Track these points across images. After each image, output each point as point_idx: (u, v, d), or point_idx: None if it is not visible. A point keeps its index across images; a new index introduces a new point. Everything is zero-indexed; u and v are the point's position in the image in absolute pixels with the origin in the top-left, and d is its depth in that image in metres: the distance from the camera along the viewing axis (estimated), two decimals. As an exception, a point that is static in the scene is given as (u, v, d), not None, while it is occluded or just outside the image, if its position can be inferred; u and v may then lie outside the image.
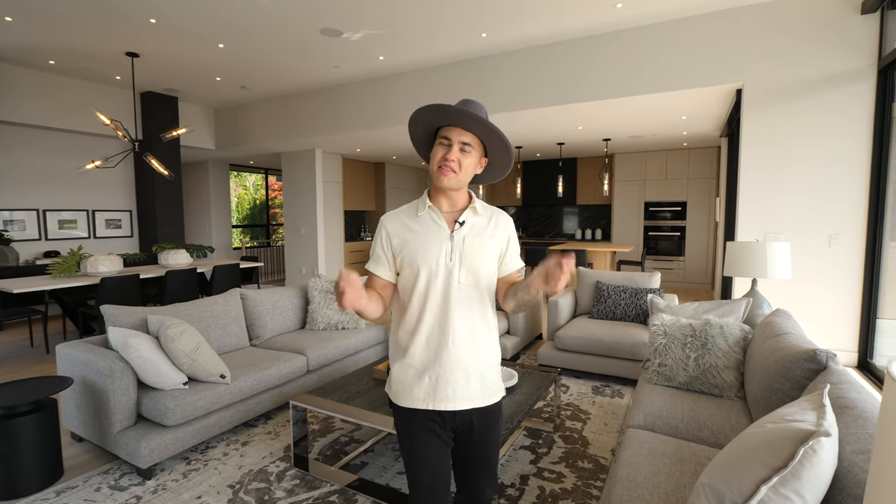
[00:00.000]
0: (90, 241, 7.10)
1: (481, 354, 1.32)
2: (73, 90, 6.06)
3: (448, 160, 1.26)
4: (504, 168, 1.40)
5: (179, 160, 7.00)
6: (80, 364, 2.54)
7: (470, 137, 1.28)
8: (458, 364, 1.28)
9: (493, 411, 1.36)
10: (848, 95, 3.73)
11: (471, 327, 1.30)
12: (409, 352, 1.30)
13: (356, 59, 5.34)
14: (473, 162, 1.30)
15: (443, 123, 1.29)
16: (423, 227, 1.32)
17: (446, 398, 1.28)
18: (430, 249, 1.29)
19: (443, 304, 1.28)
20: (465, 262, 1.29)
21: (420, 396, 1.29)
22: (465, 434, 1.34)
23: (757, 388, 2.08)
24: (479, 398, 1.32)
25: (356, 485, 2.29)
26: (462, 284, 1.29)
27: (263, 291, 3.66)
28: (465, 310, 1.29)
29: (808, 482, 1.04)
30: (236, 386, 2.73)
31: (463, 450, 1.37)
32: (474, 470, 1.38)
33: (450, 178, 1.27)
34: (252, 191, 11.12)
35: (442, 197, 1.34)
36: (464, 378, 1.29)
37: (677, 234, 8.26)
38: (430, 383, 1.28)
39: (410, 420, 1.31)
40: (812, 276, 3.93)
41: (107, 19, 4.25)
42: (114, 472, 2.45)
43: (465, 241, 1.31)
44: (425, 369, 1.29)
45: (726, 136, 6.04)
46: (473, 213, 1.35)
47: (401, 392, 1.32)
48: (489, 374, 1.34)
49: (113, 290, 4.50)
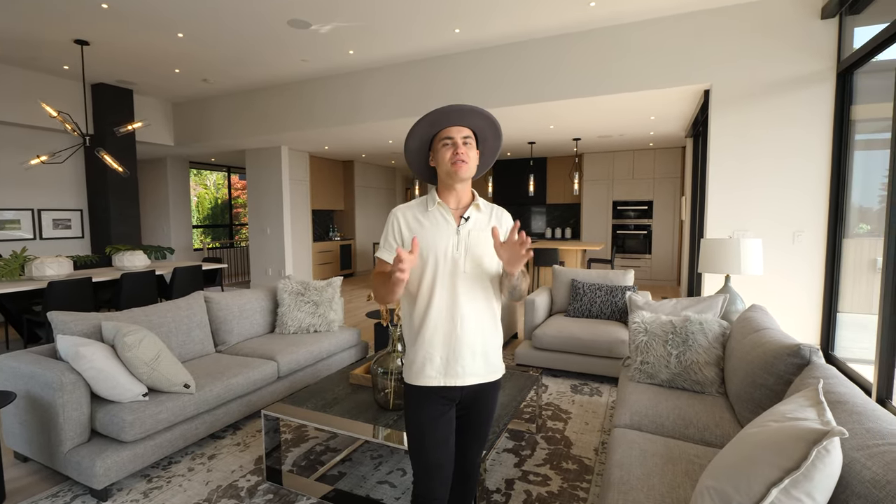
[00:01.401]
0: (36, 242, 6.59)
1: (486, 336, 1.46)
2: (17, 80, 5.60)
3: (459, 154, 1.40)
4: (492, 155, 1.57)
5: (135, 157, 6.60)
6: (24, 377, 2.31)
7: (468, 131, 1.44)
8: (466, 344, 1.42)
9: (494, 386, 1.52)
10: (810, 97, 3.87)
11: (476, 312, 1.44)
12: (422, 334, 1.43)
13: (325, 53, 5.16)
14: (475, 153, 1.46)
15: (442, 126, 1.43)
16: (432, 222, 1.46)
17: (456, 375, 1.42)
18: (438, 241, 1.43)
19: (451, 291, 1.42)
20: (469, 254, 1.44)
21: (433, 375, 1.42)
22: (469, 404, 1.49)
23: (740, 383, 2.09)
24: (483, 374, 1.46)
25: (334, 496, 2.16)
26: (467, 273, 1.43)
27: (229, 294, 3.46)
28: (471, 296, 1.43)
29: (820, 483, 1.01)
30: (201, 396, 2.55)
31: (464, 416, 1.51)
32: (470, 434, 1.53)
33: (464, 169, 1.41)
34: (213, 190, 10.67)
35: (449, 195, 1.48)
36: (470, 356, 1.43)
37: (644, 233, 8.44)
38: (442, 362, 1.42)
39: (422, 397, 1.44)
40: (778, 271, 4.06)
41: (54, 3, 3.92)
42: (64, 494, 2.23)
43: (469, 234, 1.45)
44: (436, 350, 1.42)
45: (692, 136, 6.20)
46: (477, 209, 1.50)
47: (414, 373, 1.44)
48: (492, 353, 1.48)
49: (62, 294, 4.17)
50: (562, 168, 9.35)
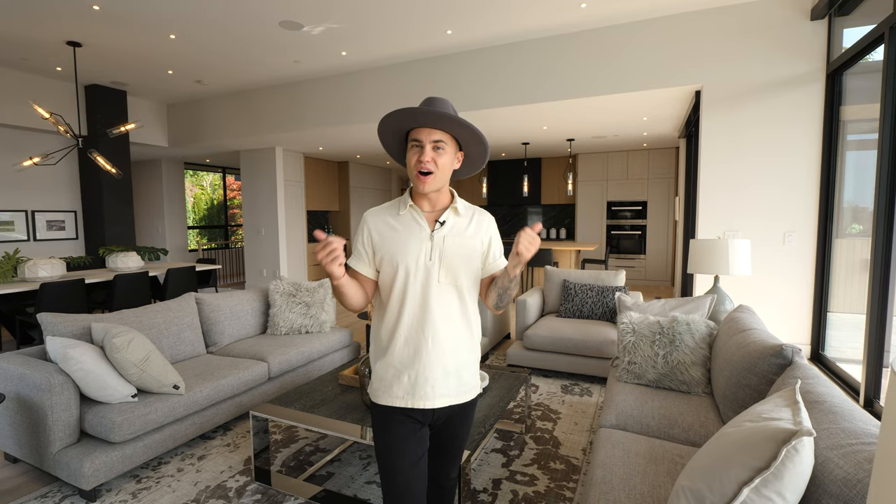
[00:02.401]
0: (30, 243, 6.58)
1: (460, 353, 1.33)
2: (9, 81, 5.59)
3: (423, 162, 1.26)
4: (481, 158, 1.41)
5: (129, 158, 6.59)
6: (13, 378, 2.31)
7: (440, 135, 1.27)
8: (437, 362, 1.29)
9: (468, 406, 1.40)
10: (800, 98, 3.90)
11: (450, 326, 1.31)
12: (389, 350, 1.31)
13: (318, 54, 5.16)
14: (449, 159, 1.30)
15: (411, 126, 1.29)
16: (404, 226, 1.33)
17: (425, 396, 1.29)
18: (409, 248, 1.30)
19: (422, 303, 1.29)
20: (444, 262, 1.30)
21: (399, 395, 1.30)
22: (442, 427, 1.38)
23: (725, 383, 2.11)
24: (455, 395, 1.34)
25: (322, 496, 2.17)
26: (441, 284, 1.30)
27: (221, 295, 3.47)
28: (445, 309, 1.30)
29: (790, 482, 1.03)
30: (191, 396, 2.55)
31: (436, 439, 1.40)
32: (444, 458, 1.43)
33: (429, 182, 1.27)
34: (209, 191, 10.66)
35: (422, 197, 1.35)
36: (442, 376, 1.30)
37: (638, 233, 8.47)
38: (410, 381, 1.29)
39: (389, 418, 1.32)
40: (769, 272, 4.08)
41: (45, 4, 3.92)
42: (53, 494, 2.24)
43: (444, 240, 1.32)
44: (404, 367, 1.30)
45: (684, 136, 6.22)
46: (455, 213, 1.36)
47: (381, 390, 1.33)
48: (466, 371, 1.35)
49: (54, 296, 4.17)
50: (556, 168, 9.37)
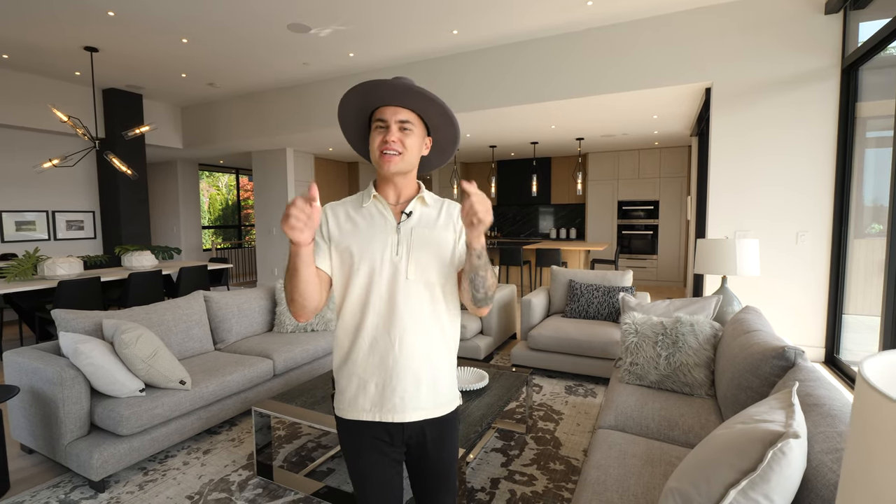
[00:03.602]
0: (50, 243, 6.78)
1: (433, 359, 1.18)
2: (30, 86, 5.77)
3: (388, 142, 1.13)
4: (451, 144, 1.27)
5: (145, 159, 6.74)
6: (28, 372, 2.39)
7: (407, 114, 1.15)
8: (407, 370, 1.15)
9: (447, 421, 1.23)
10: (814, 94, 3.81)
11: (421, 328, 1.16)
12: (352, 357, 1.17)
13: (326, 56, 5.22)
14: (417, 142, 1.18)
15: (375, 104, 1.16)
16: (367, 219, 1.20)
17: (394, 408, 1.15)
18: (373, 243, 1.16)
19: (388, 303, 1.15)
20: (413, 257, 1.16)
21: (366, 407, 1.16)
22: (418, 447, 1.22)
23: (727, 385, 2.08)
24: (430, 408, 1.18)
25: (322, 492, 2.20)
26: (410, 281, 1.15)
27: (229, 293, 3.53)
28: (415, 309, 1.16)
29: (778, 485, 1.02)
30: (197, 392, 2.60)
31: (417, 464, 1.25)
32: (432, 485, 1.27)
33: (395, 161, 1.14)
34: (225, 191, 10.84)
35: (388, 187, 1.22)
36: (413, 385, 1.15)
37: (650, 233, 8.37)
38: (377, 392, 1.15)
39: (356, 435, 1.19)
40: (780, 272, 4.00)
41: (62, 12, 4.04)
42: (64, 485, 2.30)
43: (412, 233, 1.18)
44: (370, 376, 1.16)
45: (696, 135, 6.13)
46: (422, 203, 1.23)
47: (344, 403, 1.19)
48: (442, 381, 1.20)
49: (71, 293, 4.29)
50: (566, 168, 9.32)
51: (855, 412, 0.58)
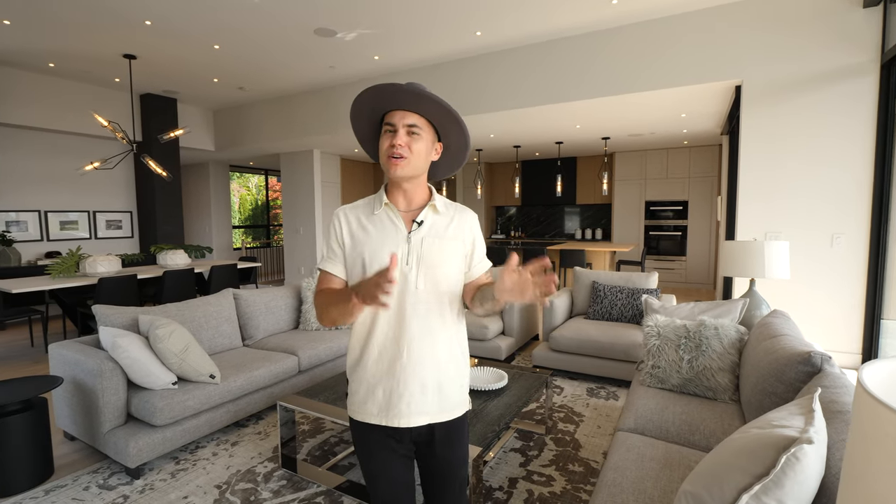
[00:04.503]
0: (91, 241, 7.13)
1: (440, 367, 1.20)
2: (74, 92, 6.08)
3: (395, 146, 1.14)
4: (462, 152, 1.28)
5: (178, 161, 7.01)
6: (71, 364, 2.54)
7: (416, 118, 1.16)
8: (414, 377, 1.17)
9: (455, 425, 1.25)
10: (850, 91, 3.67)
11: (429, 337, 1.18)
12: (362, 363, 1.20)
13: (351, 60, 5.32)
14: (425, 147, 1.18)
15: (385, 108, 1.18)
16: (378, 227, 1.20)
17: (399, 414, 1.17)
18: (383, 252, 1.17)
19: (397, 313, 1.17)
20: (423, 266, 1.17)
21: (373, 412, 1.19)
22: (426, 446, 1.25)
23: (751, 391, 2.04)
24: (435, 413, 1.20)
25: (343, 486, 2.26)
26: (420, 291, 1.17)
27: (257, 291, 3.65)
28: (423, 319, 1.17)
29: (791, 491, 1.01)
30: (226, 386, 2.71)
31: (427, 464, 1.27)
32: (440, 485, 1.29)
33: (401, 165, 1.15)
34: (254, 192, 11.14)
35: (398, 192, 1.23)
36: (419, 391, 1.17)
37: (679, 234, 8.19)
38: (384, 397, 1.18)
39: (366, 435, 1.23)
40: (814, 276, 3.87)
41: (103, 21, 4.26)
42: (103, 471, 2.44)
43: (423, 242, 1.19)
44: (378, 382, 1.18)
45: (727, 133, 5.97)
46: (433, 211, 1.23)
47: (355, 406, 1.23)
48: (449, 387, 1.22)
49: (110, 290, 4.51)
50: (592, 168, 9.20)
51: (854, 419, 0.58)
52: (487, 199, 10.36)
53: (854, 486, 0.56)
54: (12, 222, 6.35)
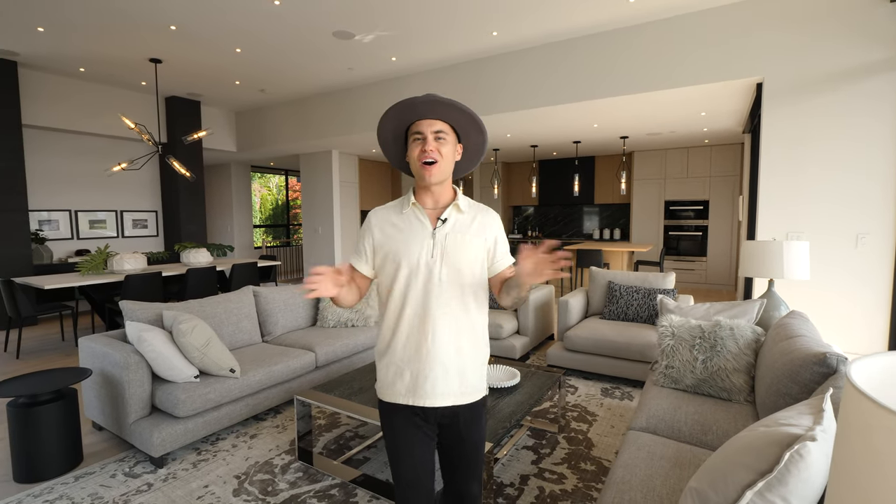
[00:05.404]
0: (119, 240, 7.38)
1: (463, 352, 1.32)
2: (102, 96, 6.31)
3: (427, 152, 1.27)
4: (480, 150, 1.41)
5: (202, 162, 7.21)
6: (99, 356, 2.65)
7: (441, 125, 1.29)
8: (438, 361, 1.29)
9: (475, 407, 1.37)
10: (877, 87, 3.57)
11: (452, 325, 1.30)
12: (391, 348, 1.33)
13: (369, 61, 5.39)
14: (451, 149, 1.32)
15: (411, 120, 1.30)
16: (407, 224, 1.34)
17: (425, 394, 1.30)
18: (411, 247, 1.30)
19: (423, 302, 1.29)
20: (446, 260, 1.30)
21: (401, 392, 1.32)
22: (449, 427, 1.36)
23: (765, 392, 2.02)
24: (457, 395, 1.32)
25: (358, 480, 2.31)
26: (443, 282, 1.29)
27: (276, 289, 3.74)
28: (446, 307, 1.29)
29: (796, 488, 1.01)
30: (245, 380, 2.79)
31: (447, 444, 1.38)
32: (459, 464, 1.40)
33: (434, 172, 1.28)
34: (275, 192, 11.35)
35: (426, 194, 1.35)
36: (443, 374, 1.29)
37: (699, 234, 8.05)
38: (411, 379, 1.30)
39: (393, 414, 1.34)
40: (837, 277, 3.78)
41: (131, 27, 4.41)
42: (129, 459, 2.54)
43: (447, 238, 1.31)
44: (405, 365, 1.31)
45: (748, 131, 5.85)
46: (457, 210, 1.35)
47: (384, 387, 1.35)
48: (470, 372, 1.34)
49: (136, 287, 4.67)
50: (610, 167, 9.11)
51: (840, 412, 0.59)
52: (504, 199, 10.35)
53: (842, 482, 0.58)
54: (45, 221, 6.62)
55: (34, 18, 4.24)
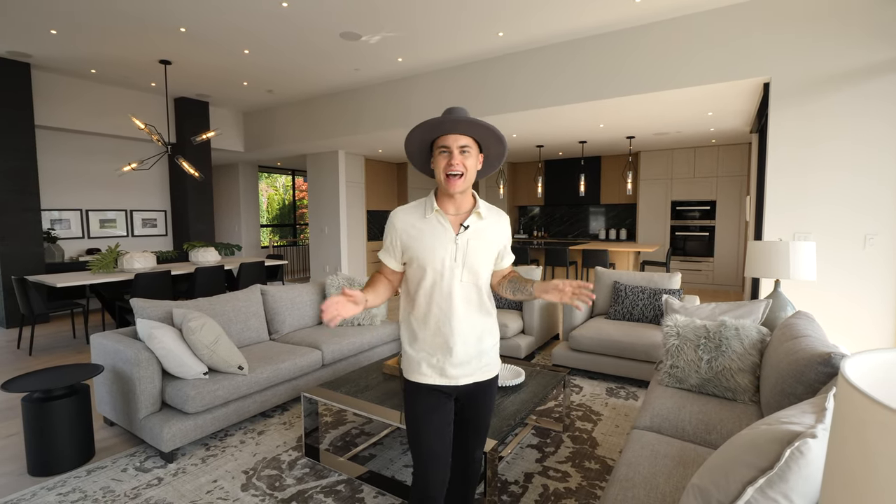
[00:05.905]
0: (128, 239, 7.47)
1: (481, 339, 1.51)
2: (113, 97, 6.39)
3: (453, 165, 1.39)
4: (499, 159, 1.55)
5: (210, 162, 7.28)
6: (111, 353, 2.70)
7: (466, 140, 1.41)
8: (462, 348, 1.46)
9: (490, 382, 1.57)
10: (885, 86, 3.55)
11: (472, 317, 1.48)
12: (420, 338, 1.48)
13: (375, 62, 5.42)
14: (474, 162, 1.44)
15: (437, 134, 1.42)
16: (430, 229, 1.45)
17: (451, 376, 1.47)
18: (435, 251, 1.43)
19: (448, 300, 1.44)
20: (467, 263, 1.44)
21: (429, 374, 1.47)
22: (468, 398, 1.54)
23: (770, 392, 2.02)
24: (478, 374, 1.51)
25: (364, 476, 2.34)
26: (464, 283, 1.45)
27: (283, 288, 3.78)
28: (466, 303, 1.46)
29: (797, 485, 1.02)
30: (253, 377, 2.83)
31: (465, 413, 1.56)
32: (468, 430, 1.58)
33: (458, 184, 1.41)
34: (282, 192, 11.42)
35: (448, 201, 1.47)
36: (465, 359, 1.47)
37: (706, 235, 8.01)
38: (439, 364, 1.46)
39: (419, 391, 1.49)
40: (844, 278, 3.76)
41: (141, 30, 4.47)
42: (139, 454, 2.59)
43: (468, 244, 1.44)
44: (433, 352, 1.47)
45: (756, 131, 5.83)
46: (478, 217, 1.48)
47: (412, 369, 1.50)
48: (487, 354, 1.53)
49: (146, 285, 4.73)
50: (617, 167, 9.08)
51: (835, 408, 0.60)
52: (510, 199, 10.35)
53: (834, 474, 0.59)
54: (56, 220, 6.71)
55: (47, 21, 4.31)
